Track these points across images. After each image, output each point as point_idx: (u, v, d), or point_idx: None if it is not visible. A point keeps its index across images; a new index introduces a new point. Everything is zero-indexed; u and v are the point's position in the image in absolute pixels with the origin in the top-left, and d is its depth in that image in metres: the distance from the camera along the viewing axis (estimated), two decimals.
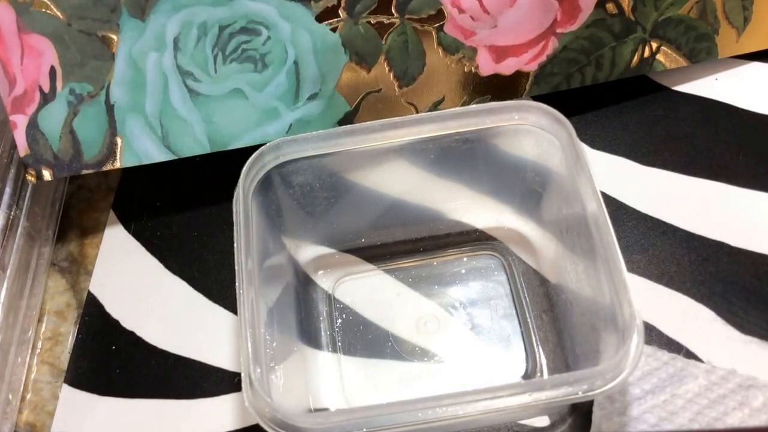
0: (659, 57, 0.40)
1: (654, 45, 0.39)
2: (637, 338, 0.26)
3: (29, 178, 0.36)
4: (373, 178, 0.35)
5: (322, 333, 0.35)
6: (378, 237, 0.37)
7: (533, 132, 0.32)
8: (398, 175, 0.35)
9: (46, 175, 0.36)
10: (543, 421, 0.32)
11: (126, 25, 0.35)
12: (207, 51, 0.36)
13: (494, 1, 0.37)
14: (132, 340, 0.36)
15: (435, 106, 0.38)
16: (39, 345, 0.37)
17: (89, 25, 0.35)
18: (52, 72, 0.35)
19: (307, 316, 0.35)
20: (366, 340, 0.35)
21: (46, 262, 0.39)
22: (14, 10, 0.34)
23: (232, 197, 0.31)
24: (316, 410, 0.33)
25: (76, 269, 0.39)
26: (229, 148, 0.37)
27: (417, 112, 0.38)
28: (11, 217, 0.37)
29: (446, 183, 0.36)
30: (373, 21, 0.36)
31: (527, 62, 0.38)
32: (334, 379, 0.34)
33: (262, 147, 0.32)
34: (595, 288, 0.29)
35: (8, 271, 0.35)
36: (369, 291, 0.36)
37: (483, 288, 0.36)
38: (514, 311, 0.35)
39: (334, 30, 0.36)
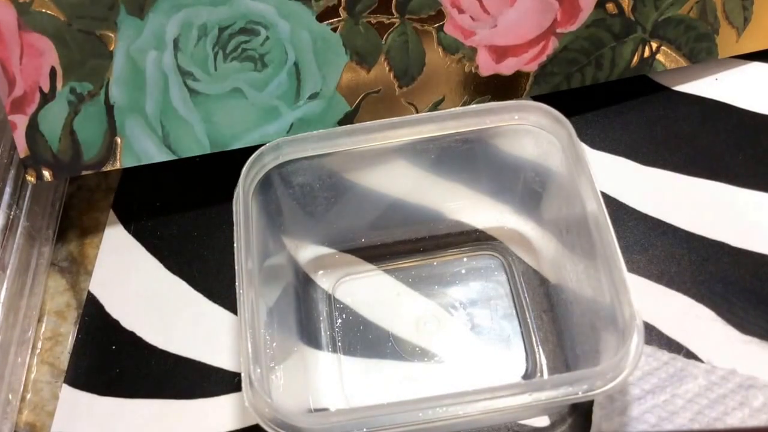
0: (659, 57, 0.40)
1: (654, 45, 0.39)
2: (637, 338, 0.26)
3: (29, 178, 0.36)
4: (373, 178, 0.35)
5: (322, 333, 0.35)
6: (378, 237, 0.37)
7: (533, 132, 0.32)
8: (398, 175, 0.35)
9: (46, 175, 0.36)
10: (543, 421, 0.32)
11: (124, 24, 0.35)
12: (207, 50, 0.36)
13: (494, 2, 0.37)
14: (132, 340, 0.36)
15: (435, 106, 0.38)
16: (39, 345, 0.37)
17: (88, 24, 0.35)
18: (53, 72, 0.35)
19: (307, 316, 0.35)
20: (366, 340, 0.35)
21: (46, 262, 0.39)
22: (15, 9, 0.34)
23: (232, 197, 0.31)
24: (316, 410, 0.33)
25: (76, 269, 0.39)
26: (230, 148, 0.37)
27: (417, 112, 0.38)
28: (11, 216, 0.37)
29: (446, 183, 0.36)
30: (373, 21, 0.36)
31: (527, 62, 0.38)
32: (334, 379, 0.34)
33: (262, 147, 0.32)
34: (595, 288, 0.29)
35: (8, 271, 0.35)
36: (369, 291, 0.36)
37: (483, 288, 0.36)
38: (514, 311, 0.35)
39: (334, 30, 0.36)
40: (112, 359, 0.36)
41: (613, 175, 0.39)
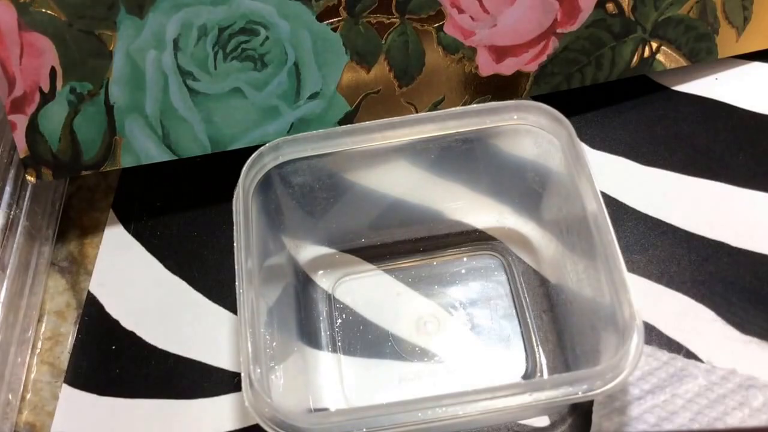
0: (659, 57, 0.40)
1: (654, 45, 0.39)
2: (637, 338, 0.26)
3: (29, 178, 0.36)
4: (373, 178, 0.35)
5: (322, 333, 0.35)
6: (378, 237, 0.37)
7: (533, 132, 0.32)
8: (398, 175, 0.35)
9: (46, 175, 0.36)
10: (543, 421, 0.32)
11: (123, 23, 0.35)
12: (207, 49, 0.36)
13: (494, 1, 0.37)
14: (132, 340, 0.36)
15: (435, 106, 0.38)
16: (39, 345, 0.37)
17: (88, 24, 0.35)
18: (52, 72, 0.35)
19: (307, 316, 0.35)
20: (366, 340, 0.35)
21: (46, 262, 0.39)
22: (15, 9, 0.34)
23: (232, 197, 0.31)
24: (316, 410, 0.33)
25: (76, 269, 0.39)
26: (230, 148, 0.37)
27: (417, 112, 0.38)
28: (11, 216, 0.37)
29: (446, 183, 0.36)
30: (373, 21, 0.36)
31: (527, 62, 0.38)
32: (334, 379, 0.34)
33: (262, 147, 0.32)
34: (595, 288, 0.29)
35: (8, 271, 0.35)
36: (369, 291, 0.36)
37: (483, 288, 0.36)
38: (514, 311, 0.35)
39: (334, 29, 0.36)
40: (112, 359, 0.36)
41: (613, 175, 0.39)
